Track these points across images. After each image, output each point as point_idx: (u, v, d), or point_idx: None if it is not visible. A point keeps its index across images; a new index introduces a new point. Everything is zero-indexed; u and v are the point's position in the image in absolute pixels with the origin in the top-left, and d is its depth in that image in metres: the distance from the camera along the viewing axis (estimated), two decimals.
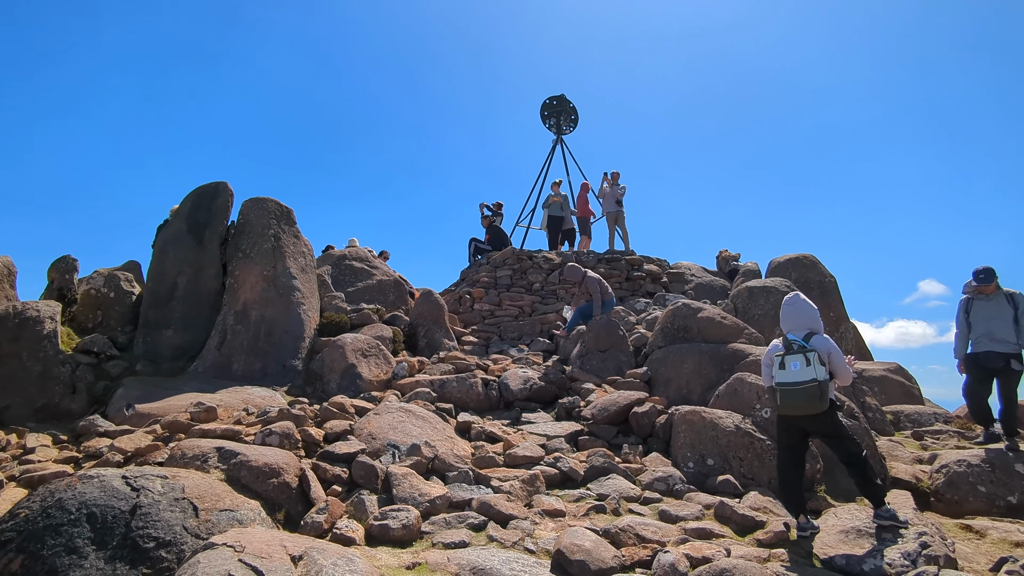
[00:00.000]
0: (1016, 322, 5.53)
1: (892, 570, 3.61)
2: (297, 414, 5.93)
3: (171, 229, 9.34)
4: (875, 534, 4.04)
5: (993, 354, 5.57)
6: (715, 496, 4.99)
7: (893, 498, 4.58)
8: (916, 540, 3.82)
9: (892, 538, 3.94)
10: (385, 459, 5.28)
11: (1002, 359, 5.52)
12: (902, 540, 3.89)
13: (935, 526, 4.18)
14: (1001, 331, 5.55)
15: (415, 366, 8.46)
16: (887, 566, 3.66)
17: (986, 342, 5.62)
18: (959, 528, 4.95)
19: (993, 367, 5.60)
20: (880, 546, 3.87)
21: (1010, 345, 5.52)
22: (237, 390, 7.25)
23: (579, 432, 6.59)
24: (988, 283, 5.61)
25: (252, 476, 4.43)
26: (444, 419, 6.61)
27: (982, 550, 4.52)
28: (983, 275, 5.62)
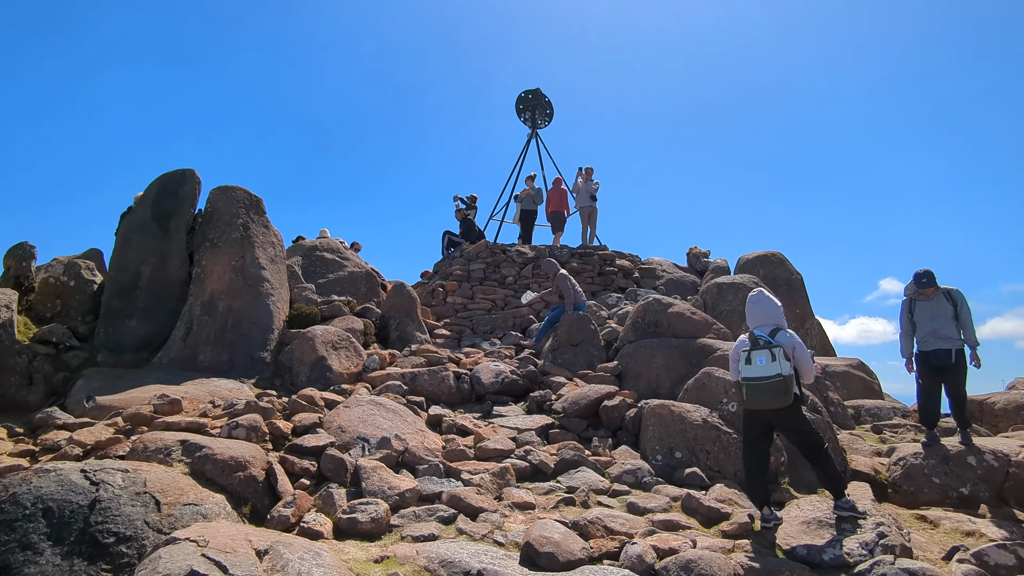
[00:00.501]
0: (957, 318, 5.75)
1: (851, 560, 3.72)
2: (265, 407, 5.83)
3: (135, 217, 9.08)
4: (835, 525, 4.16)
5: (942, 351, 5.79)
6: (682, 488, 5.07)
7: (852, 490, 4.72)
8: (874, 530, 3.95)
9: (851, 529, 4.06)
10: (355, 452, 5.23)
11: (950, 355, 5.74)
12: (861, 531, 4.01)
13: (892, 517, 4.31)
14: (945, 329, 5.78)
15: (386, 359, 8.40)
16: (846, 555, 3.77)
17: (932, 340, 5.85)
18: (914, 518, 5.12)
19: (942, 364, 5.81)
20: (839, 536, 3.98)
21: (954, 341, 5.74)
22: (203, 382, 7.10)
23: (550, 425, 6.63)
24: (930, 287, 5.82)
25: (217, 469, 4.35)
26: (415, 412, 6.58)
27: (935, 539, 4.68)
28: (925, 279, 5.82)
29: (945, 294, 5.84)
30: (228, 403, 6.12)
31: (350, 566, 3.18)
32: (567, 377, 8.01)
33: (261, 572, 2.66)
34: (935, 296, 5.86)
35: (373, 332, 9.54)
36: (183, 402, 6.04)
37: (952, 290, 5.86)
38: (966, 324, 5.74)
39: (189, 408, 6.12)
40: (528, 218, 15.23)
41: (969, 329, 5.73)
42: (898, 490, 5.66)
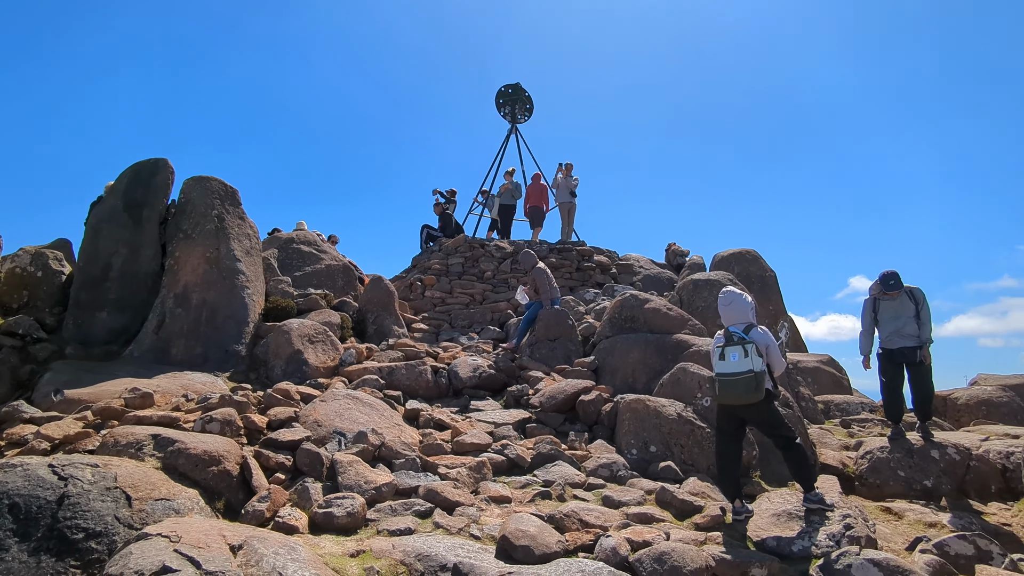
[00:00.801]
0: (918, 317, 5.94)
1: (818, 550, 3.83)
2: (239, 400, 5.77)
3: (106, 206, 8.88)
4: (804, 517, 4.26)
5: (907, 349, 5.98)
6: (656, 482, 5.15)
7: (821, 482, 4.84)
8: (841, 522, 4.06)
9: (819, 520, 4.17)
10: (331, 447, 5.21)
11: (915, 353, 5.92)
12: (828, 522, 4.12)
13: (858, 509, 4.44)
14: (908, 327, 5.97)
15: (363, 353, 8.35)
16: (814, 547, 3.87)
17: (896, 339, 6.04)
18: (880, 510, 5.27)
19: (908, 360, 6.01)
20: (808, 528, 4.09)
21: (916, 339, 5.94)
22: (176, 375, 6.99)
23: (527, 420, 6.67)
24: (896, 289, 5.99)
25: (190, 464, 4.30)
26: (392, 407, 6.57)
27: (900, 531, 4.84)
28: (892, 282, 5.99)
29: (908, 293, 6.02)
30: (202, 397, 6.04)
31: (326, 560, 3.17)
32: (544, 372, 8.06)
33: (235, 567, 2.64)
34: (899, 296, 6.03)
35: (350, 326, 9.48)
36: (155, 396, 5.94)
37: (914, 289, 6.04)
38: (925, 322, 5.93)
39: (161, 402, 6.03)
40: (507, 213, 15.24)
41: (927, 327, 5.92)
42: (865, 483, 5.82)
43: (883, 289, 6.05)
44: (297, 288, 10.16)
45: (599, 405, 6.72)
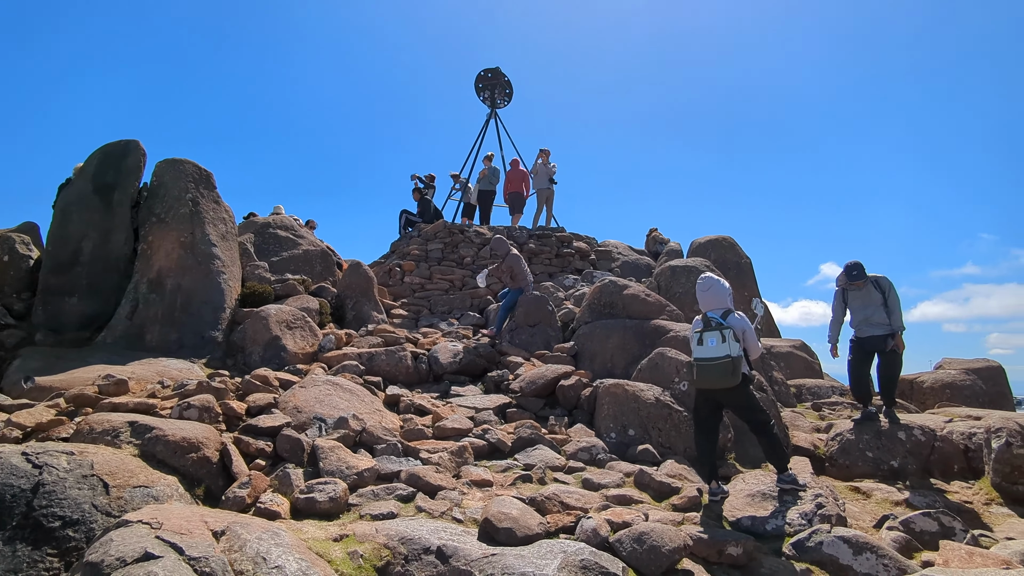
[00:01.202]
0: (886, 305, 6.09)
1: (791, 529, 3.96)
2: (218, 387, 5.71)
3: (75, 189, 8.63)
4: (777, 497, 4.40)
5: (876, 337, 6.14)
6: (635, 465, 5.24)
7: (793, 464, 4.99)
8: (813, 502, 4.19)
9: (792, 500, 4.31)
10: (311, 432, 5.19)
11: (884, 341, 6.09)
12: (801, 502, 4.26)
13: (829, 488, 4.59)
14: (876, 316, 6.12)
15: (343, 339, 8.31)
16: (787, 525, 4.00)
17: (866, 327, 6.20)
18: (849, 490, 5.45)
19: (877, 348, 6.17)
20: (782, 508, 4.22)
21: (886, 327, 6.08)
22: (151, 362, 6.88)
23: (507, 405, 6.72)
24: (860, 279, 6.12)
25: (169, 451, 4.25)
26: (372, 392, 6.56)
27: (868, 509, 5.01)
28: (855, 272, 6.12)
29: (874, 283, 6.14)
30: (178, 384, 5.96)
31: (309, 545, 3.18)
32: (524, 357, 8.11)
33: (219, 553, 2.63)
34: (865, 286, 6.17)
35: (329, 312, 9.41)
36: (130, 383, 5.84)
37: (880, 278, 6.17)
38: (894, 310, 6.06)
39: (136, 389, 5.93)
40: (486, 199, 15.18)
41: (896, 314, 6.05)
42: (835, 464, 5.99)
43: (847, 279, 6.19)
44: (274, 273, 10.03)
45: (579, 390, 6.79)
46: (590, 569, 2.99)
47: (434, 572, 3.08)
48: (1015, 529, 4.55)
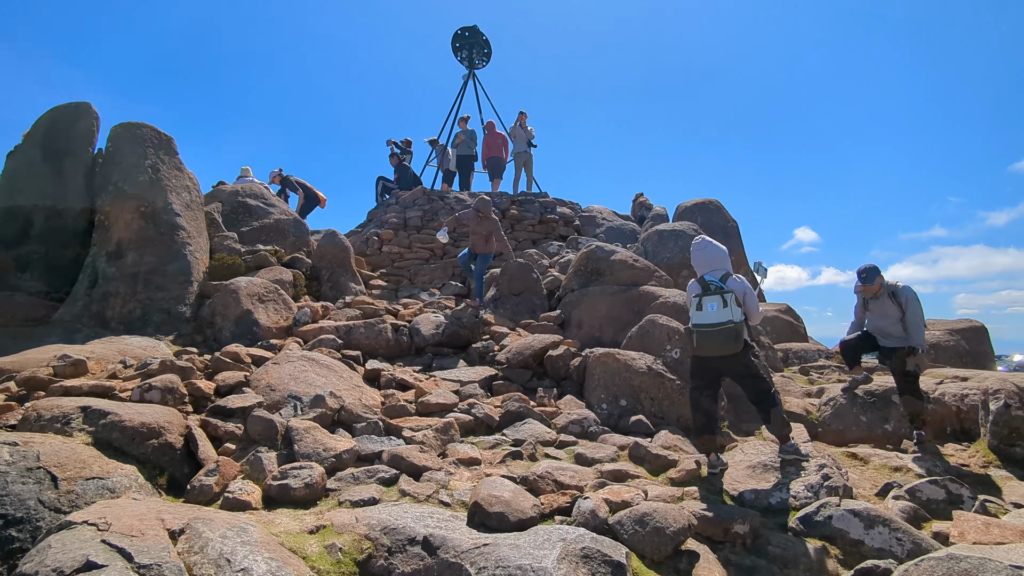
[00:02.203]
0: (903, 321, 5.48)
1: (796, 502, 3.76)
2: (183, 366, 5.33)
3: (22, 157, 8.01)
4: (779, 468, 4.20)
5: (888, 348, 5.61)
6: (628, 437, 5.03)
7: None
8: (818, 472, 4.00)
9: (795, 471, 4.11)
10: (286, 412, 4.86)
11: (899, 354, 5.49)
12: (804, 473, 4.06)
13: (832, 458, 4.41)
14: (893, 329, 5.56)
15: (319, 312, 7.92)
16: (792, 499, 3.80)
17: (881, 338, 5.69)
18: (846, 456, 5.30)
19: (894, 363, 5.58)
20: (785, 480, 4.02)
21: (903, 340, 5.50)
22: (112, 340, 6.44)
23: (493, 377, 6.44)
24: (870, 282, 5.54)
25: (126, 438, 3.89)
26: (351, 367, 6.23)
27: (866, 476, 4.86)
28: (864, 274, 5.58)
29: (891, 294, 5.51)
30: (141, 363, 5.56)
31: (282, 540, 2.88)
32: (510, 327, 7.82)
33: (174, 558, 2.32)
34: (881, 296, 5.56)
35: (303, 284, 8.99)
36: (88, 363, 5.43)
37: (899, 289, 5.49)
38: (913, 325, 5.40)
39: (96, 370, 5.52)
40: (465, 164, 14.69)
41: (916, 331, 5.39)
42: (828, 429, 5.85)
43: (858, 283, 5.67)
44: (244, 244, 9.54)
45: (567, 360, 6.54)
46: (592, 558, 2.74)
47: (420, 566, 2.81)
48: (1018, 493, 4.44)
